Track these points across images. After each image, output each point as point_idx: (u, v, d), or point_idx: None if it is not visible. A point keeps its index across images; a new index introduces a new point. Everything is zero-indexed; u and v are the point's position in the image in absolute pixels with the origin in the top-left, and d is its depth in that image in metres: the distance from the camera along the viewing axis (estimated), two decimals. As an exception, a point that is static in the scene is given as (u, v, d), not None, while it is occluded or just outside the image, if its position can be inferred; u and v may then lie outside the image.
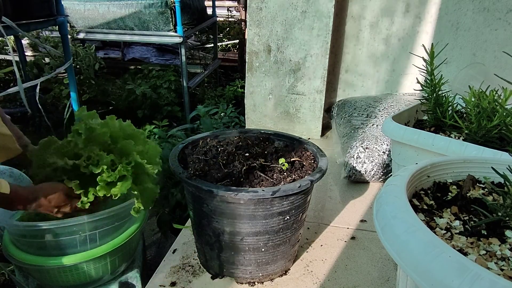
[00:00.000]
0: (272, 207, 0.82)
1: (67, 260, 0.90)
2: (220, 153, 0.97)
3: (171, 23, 2.77)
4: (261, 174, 0.89)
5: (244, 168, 0.89)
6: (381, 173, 1.35)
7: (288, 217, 0.85)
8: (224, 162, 0.93)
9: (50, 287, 0.97)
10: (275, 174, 0.89)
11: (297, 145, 1.04)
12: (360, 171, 1.34)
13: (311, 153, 1.00)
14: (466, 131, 0.94)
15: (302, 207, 0.88)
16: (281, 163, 0.92)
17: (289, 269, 0.97)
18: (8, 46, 3.22)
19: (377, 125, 1.47)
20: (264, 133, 1.09)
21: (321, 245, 1.06)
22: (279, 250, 0.89)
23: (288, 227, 0.87)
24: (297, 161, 0.95)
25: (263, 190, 0.78)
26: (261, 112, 1.83)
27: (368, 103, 1.65)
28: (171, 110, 2.96)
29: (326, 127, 1.88)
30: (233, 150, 0.98)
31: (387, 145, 1.34)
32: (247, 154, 0.96)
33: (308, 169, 0.93)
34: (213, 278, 0.94)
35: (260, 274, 0.91)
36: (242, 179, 0.87)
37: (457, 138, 0.96)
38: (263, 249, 0.87)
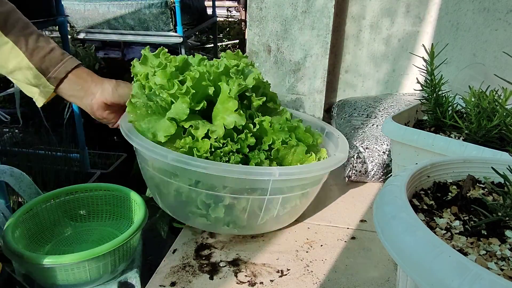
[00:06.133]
0: (272, 207, 0.82)
1: (67, 259, 0.90)
2: (220, 153, 0.97)
3: (171, 23, 2.77)
4: (261, 174, 0.88)
5: (244, 168, 0.89)
6: (381, 173, 1.35)
7: (288, 217, 0.85)
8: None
9: (49, 286, 0.97)
10: (275, 174, 0.89)
11: (297, 145, 1.04)
12: (360, 171, 1.34)
13: (311, 153, 1.00)
14: (466, 131, 0.94)
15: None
16: (281, 163, 0.92)
17: (289, 269, 0.97)
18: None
19: (377, 125, 1.47)
20: (264, 133, 1.09)
21: (321, 245, 1.05)
22: (279, 250, 0.89)
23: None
24: (297, 161, 0.95)
25: (263, 190, 0.78)
26: (261, 112, 1.83)
27: (368, 103, 1.65)
28: (171, 110, 2.95)
29: (326, 127, 1.88)
30: (233, 150, 0.98)
31: (387, 145, 1.34)
32: (247, 154, 0.96)
33: (308, 169, 0.93)
34: (212, 278, 0.93)
35: (260, 274, 0.91)
36: (242, 179, 0.87)
37: (457, 138, 0.96)
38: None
